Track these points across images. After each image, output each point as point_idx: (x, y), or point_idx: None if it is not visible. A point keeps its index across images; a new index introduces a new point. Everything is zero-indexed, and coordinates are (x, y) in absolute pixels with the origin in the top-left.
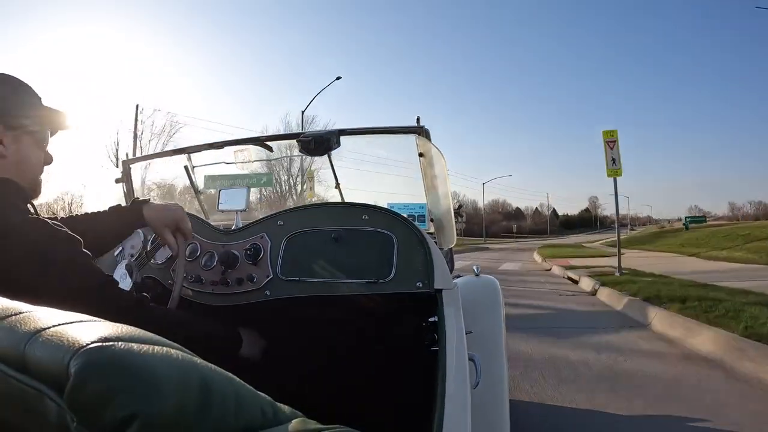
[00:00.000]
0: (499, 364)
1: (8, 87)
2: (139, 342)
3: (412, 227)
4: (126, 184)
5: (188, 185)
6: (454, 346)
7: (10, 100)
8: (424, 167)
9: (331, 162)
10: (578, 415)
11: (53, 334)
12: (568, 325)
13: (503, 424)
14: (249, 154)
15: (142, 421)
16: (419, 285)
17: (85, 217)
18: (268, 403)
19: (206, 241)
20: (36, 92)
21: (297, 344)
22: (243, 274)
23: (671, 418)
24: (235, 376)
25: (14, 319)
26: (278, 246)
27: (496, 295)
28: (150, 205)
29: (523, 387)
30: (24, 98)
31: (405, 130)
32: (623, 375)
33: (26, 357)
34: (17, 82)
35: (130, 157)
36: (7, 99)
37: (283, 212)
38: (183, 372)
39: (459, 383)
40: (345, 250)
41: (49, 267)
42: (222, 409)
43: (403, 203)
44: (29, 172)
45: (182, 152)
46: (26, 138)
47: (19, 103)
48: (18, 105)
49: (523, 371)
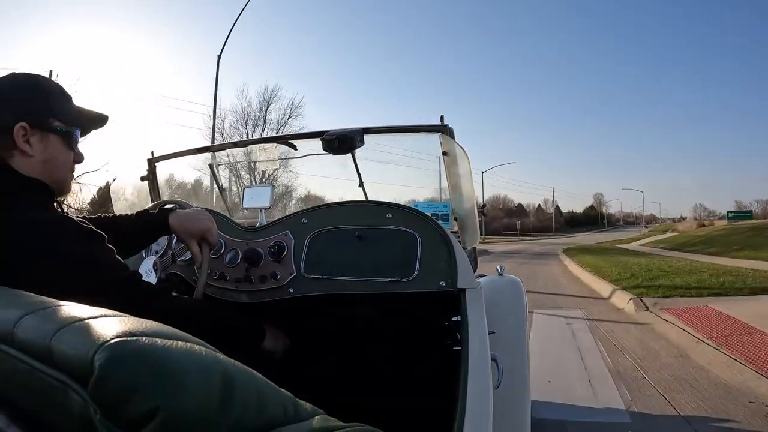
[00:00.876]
0: (522, 364)
1: (36, 88)
2: (163, 337)
3: (436, 226)
4: (151, 182)
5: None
6: (476, 346)
7: (38, 101)
8: (448, 166)
9: (354, 160)
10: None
11: (79, 328)
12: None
13: (525, 425)
14: (273, 152)
15: (165, 414)
16: (442, 284)
17: (111, 219)
18: (290, 399)
19: (230, 238)
20: (66, 92)
21: (319, 342)
22: (267, 272)
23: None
24: (257, 373)
25: (41, 313)
26: (302, 244)
27: (519, 295)
28: (176, 213)
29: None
30: (52, 99)
31: (429, 128)
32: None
33: (52, 350)
34: (45, 82)
35: (156, 155)
36: (35, 100)
37: (307, 210)
38: (206, 367)
39: (481, 384)
40: (368, 249)
41: (74, 262)
42: (244, 404)
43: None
44: (56, 171)
45: (207, 150)
46: (54, 138)
47: (46, 103)
48: (45, 105)
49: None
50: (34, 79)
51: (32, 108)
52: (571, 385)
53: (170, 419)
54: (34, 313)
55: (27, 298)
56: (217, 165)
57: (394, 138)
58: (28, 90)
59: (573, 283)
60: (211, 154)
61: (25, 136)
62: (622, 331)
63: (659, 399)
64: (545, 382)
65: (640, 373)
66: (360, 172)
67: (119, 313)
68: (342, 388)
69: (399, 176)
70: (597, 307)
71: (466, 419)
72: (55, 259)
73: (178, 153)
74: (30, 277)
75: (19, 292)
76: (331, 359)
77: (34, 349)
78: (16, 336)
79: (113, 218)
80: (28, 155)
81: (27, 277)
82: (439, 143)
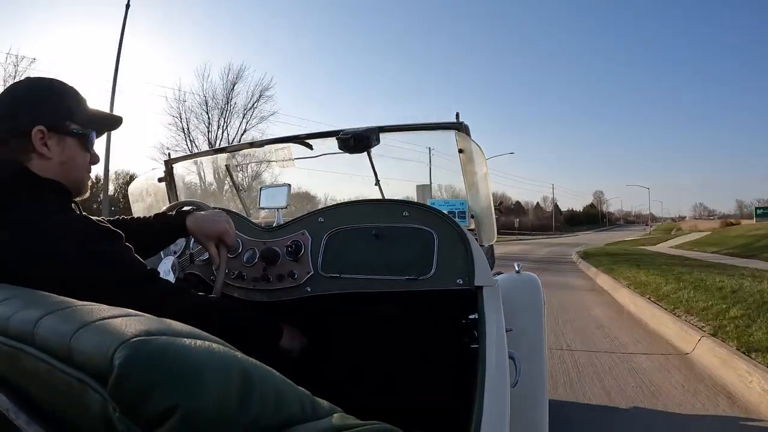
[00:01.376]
0: (539, 362)
1: (52, 91)
2: (182, 336)
3: (453, 224)
4: (168, 183)
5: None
6: (494, 344)
7: (54, 104)
8: (464, 163)
9: (370, 159)
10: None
11: (98, 327)
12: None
13: (542, 423)
14: (289, 152)
15: (183, 412)
16: (459, 282)
17: (129, 221)
18: (307, 397)
19: (248, 238)
20: (80, 95)
21: (337, 340)
22: (284, 271)
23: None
24: (275, 371)
25: (60, 313)
26: (319, 243)
27: (537, 292)
28: (194, 216)
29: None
30: (68, 102)
31: (445, 126)
32: None
33: (72, 349)
34: (60, 85)
35: (173, 157)
36: (52, 103)
37: (324, 209)
38: (224, 365)
39: (498, 381)
40: (385, 247)
41: (92, 261)
42: (262, 402)
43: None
44: (74, 172)
45: (223, 151)
46: (71, 140)
47: (62, 107)
48: (62, 109)
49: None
50: (50, 83)
51: (49, 112)
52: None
53: (188, 417)
54: (53, 313)
55: (47, 298)
56: (232, 165)
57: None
58: (45, 94)
59: (631, 329)
60: (228, 155)
61: (43, 139)
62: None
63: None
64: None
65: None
66: (376, 171)
67: (138, 312)
68: (359, 386)
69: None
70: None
71: (484, 417)
72: (75, 259)
73: (194, 154)
74: (50, 278)
75: (39, 292)
76: (348, 358)
77: (55, 348)
78: (36, 336)
79: (131, 220)
80: (47, 158)
81: (48, 278)
82: (455, 140)
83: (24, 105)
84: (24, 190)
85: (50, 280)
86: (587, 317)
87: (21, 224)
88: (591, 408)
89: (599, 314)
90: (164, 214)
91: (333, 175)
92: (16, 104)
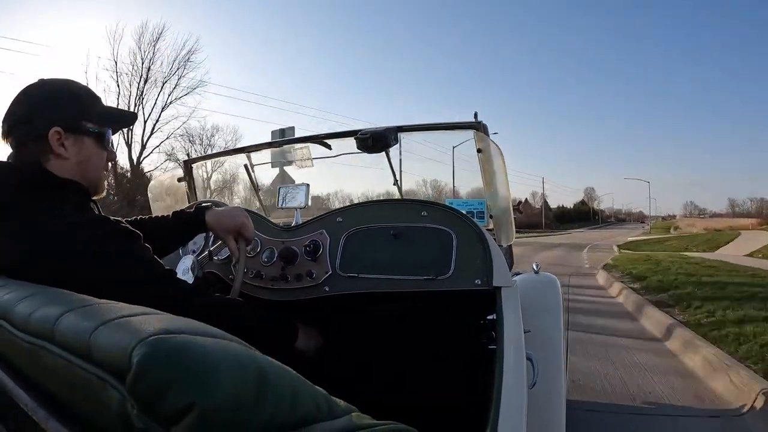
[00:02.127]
0: (557, 364)
1: (68, 92)
2: (200, 334)
3: (472, 224)
4: (188, 182)
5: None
6: (512, 345)
7: (70, 105)
8: (483, 163)
9: (389, 159)
10: None
11: (117, 325)
12: None
13: (559, 426)
14: (307, 152)
15: (200, 410)
16: (478, 282)
17: (147, 220)
18: (323, 396)
19: (266, 237)
20: (95, 94)
21: (354, 339)
22: (302, 270)
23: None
24: (291, 369)
25: (80, 311)
26: (337, 242)
27: (555, 293)
28: (212, 211)
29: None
30: (83, 102)
31: (463, 125)
32: None
33: (91, 346)
34: (74, 85)
35: (192, 157)
36: (68, 104)
37: (343, 209)
38: (240, 364)
39: (516, 383)
40: (404, 247)
41: (110, 260)
42: (278, 401)
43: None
44: (91, 172)
45: (242, 151)
46: (87, 139)
47: (78, 107)
48: (77, 109)
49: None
50: (64, 84)
51: (64, 113)
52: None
53: (205, 415)
54: (73, 311)
55: (67, 296)
56: (252, 165)
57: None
58: (59, 96)
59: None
60: (246, 155)
61: (60, 140)
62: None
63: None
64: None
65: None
66: (394, 171)
67: (157, 310)
68: (376, 385)
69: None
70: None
71: (501, 418)
72: (93, 259)
73: (213, 154)
74: (70, 278)
75: (59, 290)
76: (364, 357)
77: (74, 345)
78: (56, 333)
79: (150, 219)
80: (64, 158)
81: (67, 277)
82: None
83: (39, 108)
84: (44, 191)
85: (69, 279)
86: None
87: (41, 225)
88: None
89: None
90: (183, 211)
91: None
92: (32, 108)
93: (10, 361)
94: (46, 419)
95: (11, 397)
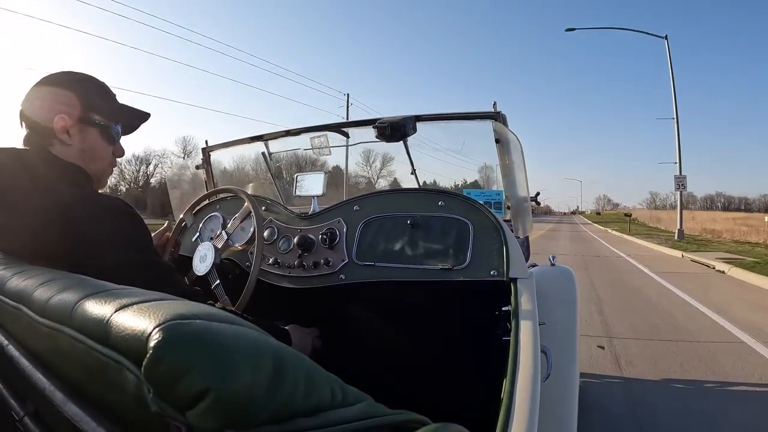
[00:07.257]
0: (571, 357)
1: (82, 84)
2: (216, 320)
3: (489, 214)
4: (206, 170)
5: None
6: (526, 337)
7: (81, 96)
8: (501, 153)
9: (406, 148)
10: None
11: (134, 311)
12: None
13: (571, 419)
14: (325, 140)
15: (215, 395)
16: (494, 273)
17: None
18: (338, 384)
19: (284, 225)
20: (109, 89)
21: (368, 328)
22: (319, 258)
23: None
24: (306, 356)
25: (99, 295)
26: (354, 231)
27: (571, 285)
28: None
29: None
30: (94, 95)
31: (482, 115)
32: None
33: (109, 330)
34: (92, 80)
35: (210, 145)
36: (79, 95)
37: (360, 197)
38: (256, 350)
39: (530, 375)
40: (420, 236)
41: (108, 238)
42: (293, 387)
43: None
44: (94, 162)
45: (259, 139)
46: (93, 130)
47: (88, 99)
48: (87, 100)
49: None
50: (82, 76)
51: (73, 102)
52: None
53: (220, 400)
54: (91, 296)
55: (85, 281)
56: (270, 153)
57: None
58: (73, 86)
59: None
60: (264, 143)
61: (65, 126)
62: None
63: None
64: None
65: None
66: (412, 160)
67: (174, 296)
68: (389, 373)
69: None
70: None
71: (513, 410)
72: (92, 235)
73: (231, 142)
74: (70, 252)
75: (78, 276)
76: (379, 345)
77: (92, 329)
78: (74, 317)
79: None
80: (67, 144)
81: (68, 251)
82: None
83: (51, 96)
84: (46, 171)
85: (70, 253)
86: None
87: (40, 202)
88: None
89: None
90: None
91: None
92: (45, 95)
93: (29, 345)
94: (63, 402)
95: (30, 381)
